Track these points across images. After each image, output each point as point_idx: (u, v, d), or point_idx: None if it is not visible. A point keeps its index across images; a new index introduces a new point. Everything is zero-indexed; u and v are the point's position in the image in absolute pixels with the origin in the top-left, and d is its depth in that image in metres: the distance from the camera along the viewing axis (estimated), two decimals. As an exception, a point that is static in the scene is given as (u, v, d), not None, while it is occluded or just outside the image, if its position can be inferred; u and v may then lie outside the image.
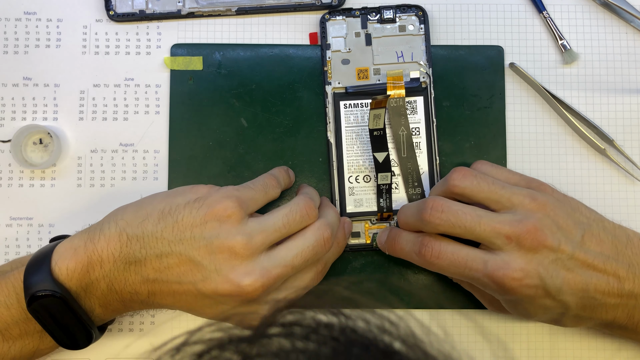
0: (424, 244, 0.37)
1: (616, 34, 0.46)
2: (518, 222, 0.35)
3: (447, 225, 0.36)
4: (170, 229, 0.35)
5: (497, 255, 0.35)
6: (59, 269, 0.35)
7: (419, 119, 0.43)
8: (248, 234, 0.34)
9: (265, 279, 0.34)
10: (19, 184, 0.44)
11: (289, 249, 0.36)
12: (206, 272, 0.34)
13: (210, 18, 0.46)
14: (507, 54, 0.45)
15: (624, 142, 0.45)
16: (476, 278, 0.36)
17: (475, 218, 0.35)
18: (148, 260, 0.35)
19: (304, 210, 0.37)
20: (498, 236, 0.35)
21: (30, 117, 0.45)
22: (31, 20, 0.45)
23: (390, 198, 0.42)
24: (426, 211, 0.36)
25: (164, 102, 0.45)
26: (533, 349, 0.43)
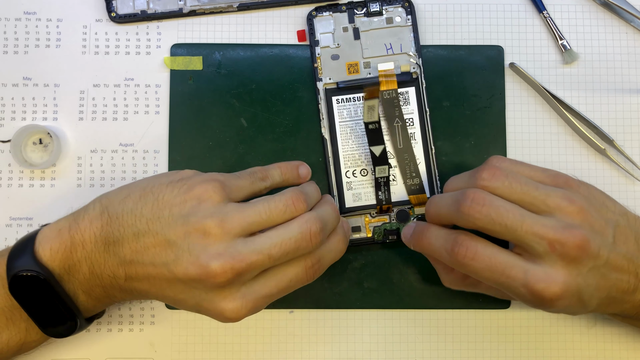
0: (459, 242, 0.34)
1: (616, 34, 0.46)
2: (563, 230, 0.32)
3: (487, 221, 0.33)
4: (150, 206, 0.34)
5: (539, 266, 0.33)
6: (42, 250, 0.34)
7: (412, 109, 0.43)
8: (224, 214, 0.33)
9: (236, 263, 0.32)
10: (18, 184, 0.44)
11: (268, 237, 0.34)
12: (179, 252, 0.33)
13: (211, 16, 0.46)
14: (507, 54, 0.45)
15: (624, 142, 0.45)
16: (512, 287, 0.33)
17: (519, 217, 0.33)
18: (126, 239, 0.34)
19: (289, 200, 0.35)
20: (541, 241, 0.32)
21: (30, 117, 0.45)
22: (31, 20, 0.45)
23: (388, 190, 0.43)
24: (466, 202, 0.33)
25: (164, 102, 0.45)
26: (533, 349, 0.43)
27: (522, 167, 0.37)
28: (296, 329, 0.43)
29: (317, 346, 0.43)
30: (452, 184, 0.38)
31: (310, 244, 0.35)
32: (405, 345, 0.43)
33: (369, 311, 0.44)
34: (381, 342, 0.43)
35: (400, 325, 0.44)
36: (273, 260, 0.34)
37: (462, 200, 0.34)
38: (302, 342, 0.43)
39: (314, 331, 0.43)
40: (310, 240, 0.35)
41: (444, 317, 0.44)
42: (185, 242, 0.33)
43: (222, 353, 0.43)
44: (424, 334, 0.43)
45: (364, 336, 0.43)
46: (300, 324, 0.43)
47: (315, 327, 0.43)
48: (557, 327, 0.43)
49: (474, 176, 0.35)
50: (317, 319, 0.44)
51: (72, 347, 0.43)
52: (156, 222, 0.34)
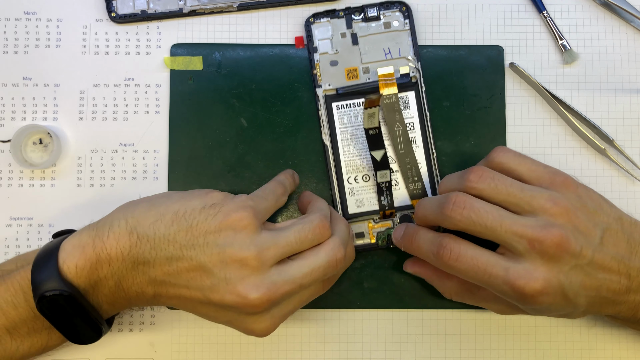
0: (443, 245, 0.36)
1: (616, 34, 0.46)
2: (541, 229, 0.34)
3: (468, 223, 0.35)
4: (184, 233, 0.35)
5: (519, 263, 0.34)
6: (67, 267, 0.34)
7: (412, 113, 0.43)
8: (260, 246, 0.34)
9: (272, 294, 0.34)
10: (18, 184, 0.44)
11: (300, 267, 0.35)
12: (215, 280, 0.34)
13: (211, 15, 0.46)
14: (507, 54, 0.45)
15: (624, 142, 0.45)
16: (495, 284, 0.35)
17: (498, 218, 0.34)
18: (158, 262, 0.35)
19: (317, 230, 0.36)
20: (520, 240, 0.34)
21: (30, 117, 0.45)
22: (31, 20, 0.45)
23: (391, 195, 0.42)
24: (448, 206, 0.35)
25: (164, 102, 0.45)
26: (533, 349, 0.43)
27: (523, 160, 0.37)
28: (296, 329, 0.43)
29: (317, 346, 0.43)
30: (445, 185, 0.39)
31: (335, 270, 0.37)
32: (405, 345, 0.43)
33: (369, 311, 0.44)
34: (381, 342, 0.43)
35: (400, 325, 0.43)
36: (303, 288, 0.36)
37: (445, 204, 0.36)
38: (302, 342, 0.43)
39: (314, 331, 0.43)
40: (336, 267, 0.36)
41: (444, 317, 0.44)
42: (222, 271, 0.34)
43: (222, 353, 0.43)
44: (424, 334, 0.43)
45: (364, 336, 0.43)
46: (300, 324, 0.43)
47: (315, 327, 0.43)
48: (557, 327, 0.43)
49: (463, 177, 0.37)
50: (317, 319, 0.44)
51: (73, 348, 0.43)
52: (191, 249, 0.34)
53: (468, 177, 0.36)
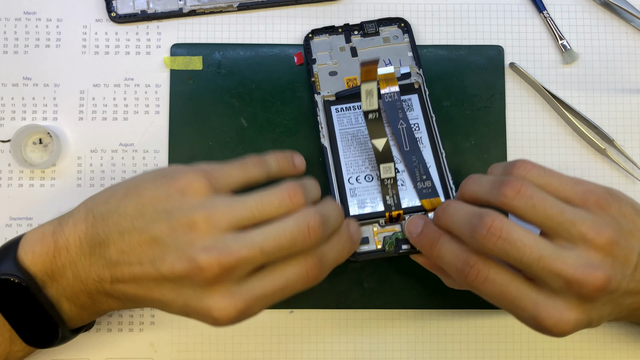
0: (470, 264, 0.32)
1: (616, 34, 0.46)
2: (584, 269, 0.30)
3: (501, 254, 0.31)
4: (133, 204, 0.32)
5: (550, 300, 0.31)
6: (24, 254, 0.33)
7: (417, 115, 0.42)
8: (211, 208, 0.31)
9: (223, 257, 0.30)
10: (18, 184, 0.44)
11: (260, 231, 0.31)
12: (165, 248, 0.31)
13: (211, 15, 0.46)
14: (507, 54, 0.45)
15: (624, 142, 0.45)
16: (520, 316, 0.32)
17: (535, 253, 0.30)
18: (111, 240, 0.32)
19: (285, 193, 0.32)
20: (557, 279, 0.30)
21: (30, 117, 0.45)
22: (31, 20, 0.45)
23: (397, 194, 0.39)
24: (480, 230, 0.31)
25: (164, 102, 0.45)
26: (533, 349, 0.43)
27: (550, 179, 0.33)
28: (296, 329, 0.43)
29: (317, 346, 0.43)
30: (471, 189, 0.35)
31: (308, 239, 0.32)
32: (405, 345, 0.43)
33: (369, 311, 0.44)
34: (381, 342, 0.43)
35: (400, 325, 0.43)
36: (266, 256, 0.31)
37: (477, 227, 0.31)
38: (302, 342, 0.43)
39: (314, 331, 0.43)
40: (309, 235, 0.31)
41: (444, 317, 0.44)
42: (170, 238, 0.31)
43: (222, 353, 0.43)
44: (424, 334, 0.43)
45: (364, 336, 0.43)
46: (300, 324, 0.43)
47: (315, 327, 0.43)
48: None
49: (497, 189, 0.32)
50: (317, 319, 0.43)
51: (72, 348, 0.43)
52: (140, 219, 0.32)
53: (504, 192, 0.32)
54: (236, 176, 0.34)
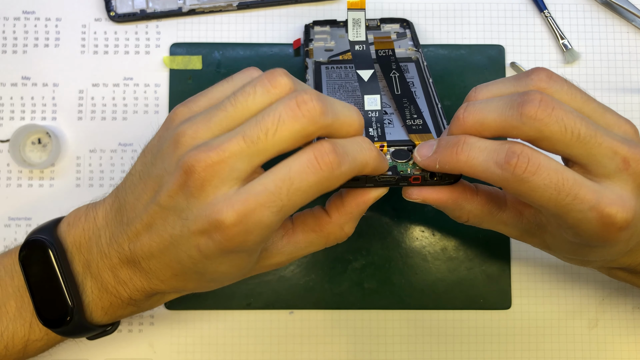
0: (517, 152, 0.27)
1: (617, 34, 0.46)
2: (636, 146, 0.28)
3: (558, 128, 0.27)
4: (140, 161, 0.32)
5: (610, 185, 0.28)
6: (60, 227, 0.34)
7: (412, 76, 0.39)
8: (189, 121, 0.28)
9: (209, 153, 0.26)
10: (17, 184, 0.44)
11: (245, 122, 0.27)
12: (160, 179, 0.29)
13: (211, 15, 0.46)
14: (508, 53, 0.45)
15: (625, 142, 0.45)
16: (577, 210, 0.27)
17: (592, 127, 0.27)
18: (127, 200, 0.31)
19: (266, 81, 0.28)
20: (614, 157, 0.27)
21: (29, 117, 0.45)
22: (30, 19, 0.45)
23: (382, 127, 0.33)
24: (532, 104, 0.27)
25: (163, 102, 0.45)
26: (534, 350, 0.43)
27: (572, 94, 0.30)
28: (296, 329, 0.43)
29: (317, 346, 0.43)
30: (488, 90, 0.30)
31: (299, 114, 0.26)
32: (406, 345, 0.43)
33: (369, 311, 0.43)
34: (381, 343, 0.43)
35: (400, 325, 0.43)
36: (251, 143, 0.27)
37: (526, 102, 0.27)
38: (302, 342, 0.43)
39: (314, 331, 0.43)
40: (298, 108, 0.26)
41: (444, 317, 0.43)
42: (162, 168, 0.29)
43: (221, 353, 0.43)
44: (424, 334, 0.43)
45: (364, 336, 0.43)
46: (300, 324, 0.43)
47: (315, 327, 0.43)
48: (557, 327, 0.43)
49: (526, 79, 0.29)
50: (317, 319, 0.43)
51: (71, 348, 0.43)
52: (143, 168, 0.31)
53: (534, 78, 0.29)
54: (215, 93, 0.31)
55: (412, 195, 0.31)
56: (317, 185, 0.27)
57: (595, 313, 0.43)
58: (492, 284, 0.43)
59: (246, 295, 0.43)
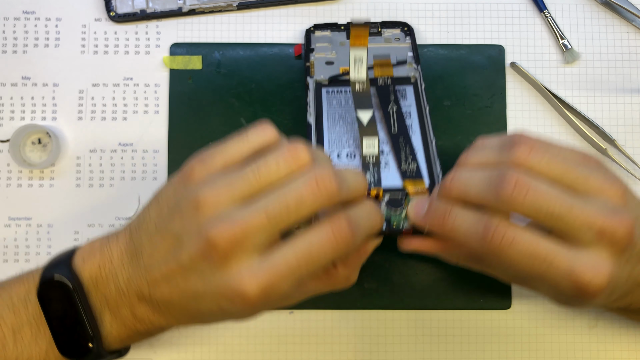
0: (491, 226, 0.30)
1: (617, 34, 0.46)
2: (613, 215, 0.29)
3: (531, 210, 0.29)
4: (155, 208, 0.33)
5: (584, 254, 0.29)
6: (76, 261, 0.34)
7: (410, 104, 0.41)
8: (211, 185, 0.30)
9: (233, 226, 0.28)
10: (17, 184, 0.44)
11: (265, 196, 0.29)
12: (180, 239, 0.30)
13: (211, 15, 0.46)
14: (508, 53, 0.45)
15: (625, 142, 0.45)
16: (553, 276, 0.30)
17: (567, 203, 0.29)
18: (143, 246, 0.33)
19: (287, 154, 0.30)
20: (589, 229, 0.29)
21: (29, 117, 0.45)
22: (30, 19, 0.45)
23: (378, 171, 0.36)
24: (506, 186, 0.29)
25: (163, 102, 0.45)
26: (534, 350, 0.43)
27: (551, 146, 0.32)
28: (296, 329, 0.43)
29: (317, 346, 0.43)
30: (476, 158, 0.33)
31: (318, 193, 0.29)
32: (406, 345, 0.43)
33: (369, 311, 0.43)
34: (381, 342, 0.43)
35: (400, 325, 0.43)
36: (273, 220, 0.29)
37: (502, 184, 0.29)
38: (302, 342, 0.43)
39: (314, 331, 0.43)
40: (317, 188, 0.29)
41: (444, 317, 0.43)
42: (183, 227, 0.30)
43: (222, 353, 0.43)
44: (424, 334, 0.43)
45: (364, 336, 0.43)
46: (300, 324, 0.43)
47: (315, 327, 0.43)
48: (557, 327, 0.43)
49: (508, 150, 0.31)
50: (317, 319, 0.43)
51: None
52: (160, 220, 0.32)
53: (515, 151, 0.30)
54: (233, 149, 0.32)
55: (407, 248, 0.35)
56: (333, 255, 0.30)
57: (595, 313, 0.43)
58: (492, 284, 0.43)
59: (246, 295, 0.43)
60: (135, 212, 0.44)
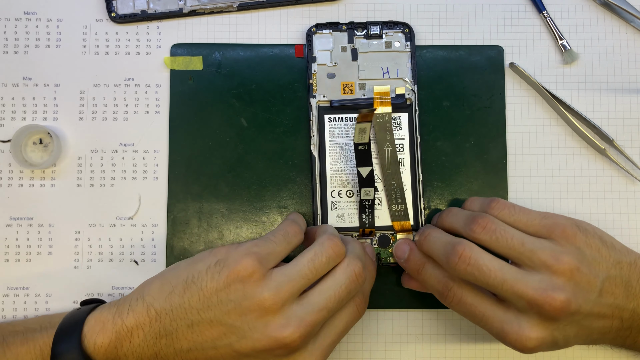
0: (448, 287, 0.37)
1: (616, 34, 0.46)
2: (543, 291, 0.34)
3: (471, 278, 0.36)
4: (197, 297, 0.34)
5: (515, 319, 0.35)
6: (87, 341, 0.35)
7: (403, 135, 0.43)
8: (275, 288, 0.34)
9: (302, 329, 0.34)
10: (18, 184, 0.44)
11: (320, 293, 0.35)
12: (241, 332, 0.34)
13: (211, 15, 0.46)
14: (507, 54, 0.45)
15: (624, 142, 0.45)
16: (490, 331, 0.36)
17: (499, 278, 0.35)
18: (180, 331, 0.35)
19: (330, 251, 0.36)
20: (520, 300, 0.34)
21: (30, 117, 0.45)
22: (31, 20, 0.45)
23: (372, 214, 0.42)
24: (453, 258, 0.36)
25: (164, 102, 0.45)
26: (533, 349, 0.43)
27: (520, 215, 0.38)
28: (296, 329, 0.43)
29: (317, 346, 0.43)
30: (448, 221, 0.40)
31: (358, 285, 0.36)
32: (405, 345, 0.43)
33: (370, 311, 0.44)
34: (381, 342, 0.43)
35: (400, 325, 0.43)
36: (331, 312, 0.35)
37: (451, 255, 0.36)
38: (302, 342, 0.43)
39: (314, 331, 0.43)
40: (357, 281, 0.36)
41: (444, 317, 0.44)
42: (244, 322, 0.34)
43: (222, 353, 0.43)
44: (424, 334, 0.43)
45: (364, 336, 0.43)
46: (300, 324, 0.43)
47: (315, 327, 0.43)
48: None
49: (468, 225, 0.38)
50: (317, 319, 0.43)
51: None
52: (207, 311, 0.34)
53: (473, 228, 0.37)
54: (282, 251, 0.37)
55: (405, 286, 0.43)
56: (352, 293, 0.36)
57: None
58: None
59: (246, 294, 0.43)
60: (135, 212, 0.44)
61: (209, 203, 0.44)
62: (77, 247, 0.44)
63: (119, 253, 0.44)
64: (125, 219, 0.44)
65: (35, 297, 0.43)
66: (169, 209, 0.44)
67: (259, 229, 0.44)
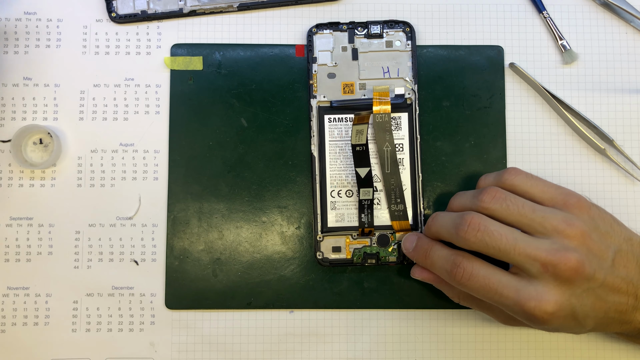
0: (457, 263, 0.36)
1: (616, 34, 0.46)
2: (556, 252, 0.34)
3: (482, 245, 0.35)
4: None
5: (531, 285, 0.34)
6: None
7: (403, 135, 0.43)
8: None
9: None
10: (19, 184, 0.44)
11: None
12: None
13: (211, 16, 0.46)
14: (507, 54, 0.45)
15: (624, 142, 0.45)
16: (506, 304, 0.35)
17: (511, 241, 0.35)
18: None
19: None
20: (533, 263, 0.34)
21: (30, 117, 0.45)
22: (31, 20, 0.45)
23: (372, 214, 0.42)
24: (463, 227, 0.36)
25: (164, 102, 0.45)
26: (533, 349, 0.43)
27: (535, 182, 0.38)
28: (296, 329, 0.43)
29: (317, 346, 0.43)
30: (457, 202, 0.39)
31: None
32: (405, 345, 0.43)
33: (369, 311, 0.44)
34: (381, 342, 0.43)
35: (400, 325, 0.44)
36: None
37: (460, 225, 0.36)
38: (302, 342, 0.43)
39: (314, 331, 0.43)
40: None
41: (444, 317, 0.44)
42: None
43: (222, 353, 0.43)
44: (424, 334, 0.43)
45: (364, 336, 0.43)
46: (300, 324, 0.43)
47: (315, 327, 0.43)
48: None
49: (477, 197, 0.37)
50: (317, 319, 0.44)
51: (72, 347, 0.43)
52: None
53: (481, 198, 0.37)
54: None
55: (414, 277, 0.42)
56: None
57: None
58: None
59: (246, 294, 0.43)
60: (135, 212, 0.44)
61: (209, 203, 0.44)
62: (77, 247, 0.44)
63: (119, 253, 0.44)
64: (125, 219, 0.44)
65: (35, 297, 0.43)
66: (169, 209, 0.44)
67: (259, 229, 0.44)
